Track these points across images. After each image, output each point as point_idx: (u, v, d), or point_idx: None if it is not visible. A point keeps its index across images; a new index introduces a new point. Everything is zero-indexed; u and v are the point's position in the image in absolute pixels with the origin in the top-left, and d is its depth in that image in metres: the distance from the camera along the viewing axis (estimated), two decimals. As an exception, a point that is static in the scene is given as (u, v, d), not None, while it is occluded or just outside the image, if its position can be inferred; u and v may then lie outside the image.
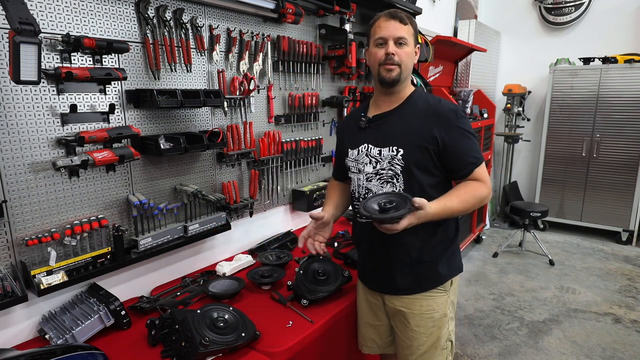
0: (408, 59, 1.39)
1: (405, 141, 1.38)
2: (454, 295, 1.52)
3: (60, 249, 1.41)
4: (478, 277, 3.76)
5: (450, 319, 1.50)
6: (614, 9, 4.73)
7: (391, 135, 1.40)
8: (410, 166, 1.37)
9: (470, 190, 1.34)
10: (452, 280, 1.49)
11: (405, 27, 1.37)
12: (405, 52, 1.37)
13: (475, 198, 1.34)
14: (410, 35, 1.38)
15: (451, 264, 1.48)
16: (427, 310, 1.45)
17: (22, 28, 1.06)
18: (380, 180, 1.43)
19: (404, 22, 1.37)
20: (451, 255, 1.48)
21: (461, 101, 4.21)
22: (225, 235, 2.02)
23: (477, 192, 1.34)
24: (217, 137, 1.78)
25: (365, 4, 2.72)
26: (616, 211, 4.55)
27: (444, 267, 1.46)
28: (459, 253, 1.54)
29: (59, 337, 1.31)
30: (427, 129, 1.36)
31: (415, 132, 1.37)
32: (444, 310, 1.47)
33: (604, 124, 4.53)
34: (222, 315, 1.34)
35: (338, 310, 1.59)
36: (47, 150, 1.36)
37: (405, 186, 1.39)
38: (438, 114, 1.37)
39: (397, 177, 1.40)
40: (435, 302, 1.45)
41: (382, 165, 1.41)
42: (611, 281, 3.67)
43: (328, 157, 2.61)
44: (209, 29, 1.81)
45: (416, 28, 1.42)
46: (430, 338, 1.46)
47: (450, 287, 1.49)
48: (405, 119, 1.41)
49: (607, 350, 2.68)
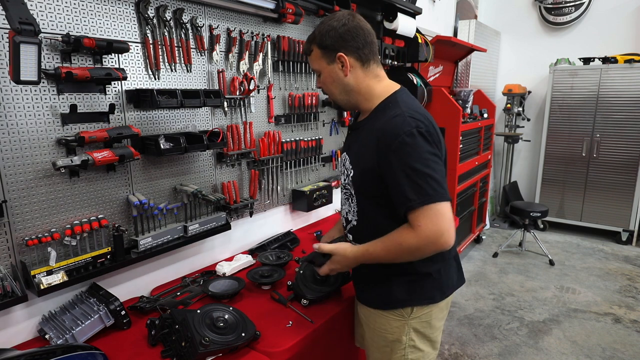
0: (330, 85, 1.30)
1: (356, 162, 1.28)
2: (420, 324, 1.32)
3: (60, 249, 1.41)
4: (478, 277, 3.76)
5: (412, 348, 1.33)
6: (614, 9, 4.73)
7: (353, 153, 1.32)
8: (357, 189, 1.29)
9: (394, 238, 1.17)
10: (413, 309, 1.30)
11: (312, 57, 1.29)
12: (322, 82, 1.32)
13: (398, 247, 1.16)
14: (319, 59, 1.27)
15: (410, 291, 1.29)
16: (379, 328, 1.36)
17: (22, 28, 1.06)
18: (345, 196, 1.38)
19: (308, 52, 1.30)
20: (414, 282, 1.29)
21: (461, 101, 4.21)
22: (225, 235, 2.02)
23: (401, 240, 1.15)
24: (217, 137, 1.78)
25: (365, 4, 2.72)
26: (616, 211, 4.55)
27: (400, 292, 1.29)
28: (435, 283, 1.31)
29: (59, 337, 1.31)
30: (370, 153, 1.20)
31: (363, 155, 1.24)
32: (399, 335, 1.32)
33: (604, 124, 4.53)
34: (222, 315, 1.34)
35: (338, 310, 1.59)
36: (47, 151, 1.36)
37: (358, 208, 1.31)
38: (381, 137, 1.17)
39: (352, 198, 1.33)
40: (390, 324, 1.33)
41: (347, 180, 1.34)
42: (611, 281, 3.67)
43: (328, 157, 2.61)
44: (209, 29, 1.81)
45: (322, 42, 1.24)
46: (382, 356, 1.38)
47: (409, 314, 1.30)
48: (363, 136, 1.27)
49: (607, 350, 2.68)
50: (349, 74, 1.26)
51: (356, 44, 1.23)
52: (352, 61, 1.25)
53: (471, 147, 4.03)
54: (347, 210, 1.40)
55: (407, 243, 1.14)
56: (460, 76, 4.61)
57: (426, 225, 1.10)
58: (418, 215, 1.11)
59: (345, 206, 1.41)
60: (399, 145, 1.12)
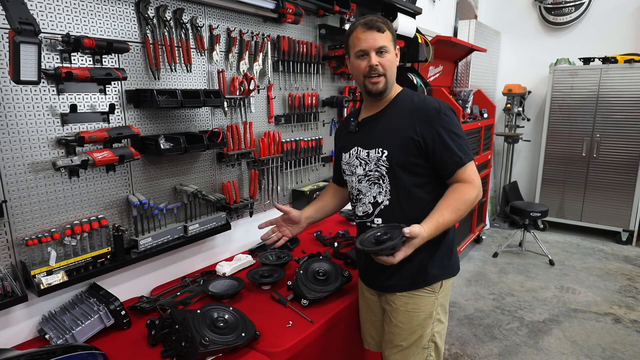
0: (391, 66, 1.39)
1: (389, 142, 1.39)
2: (444, 298, 1.49)
3: (60, 249, 1.41)
4: (478, 277, 3.76)
5: (437, 321, 1.48)
6: (614, 9, 4.73)
7: (377, 137, 1.42)
8: (394, 167, 1.38)
9: (458, 196, 1.32)
10: (442, 283, 1.46)
11: (383, 35, 1.35)
12: (387, 60, 1.36)
13: (465, 203, 1.32)
14: (390, 42, 1.37)
15: (443, 265, 1.46)
16: (412, 308, 1.44)
17: (22, 28, 1.06)
18: (369, 182, 1.44)
19: (382, 30, 1.34)
20: (443, 257, 1.46)
21: (461, 101, 4.21)
22: (225, 235, 2.02)
23: (465, 195, 1.32)
24: (217, 137, 1.78)
25: (365, 4, 2.72)
26: (616, 211, 4.55)
27: (434, 268, 1.44)
28: (454, 256, 1.51)
29: (59, 337, 1.31)
30: (409, 129, 1.35)
31: (398, 133, 1.37)
32: (430, 310, 1.45)
33: (604, 124, 4.53)
34: (222, 315, 1.34)
35: (338, 310, 1.59)
36: (47, 150, 1.36)
37: (391, 187, 1.40)
38: (420, 113, 1.36)
39: (382, 178, 1.41)
40: (422, 301, 1.44)
41: (370, 167, 1.43)
42: (611, 281, 3.67)
43: (328, 157, 2.61)
44: (209, 29, 1.81)
45: (393, 31, 1.39)
46: (413, 336, 1.46)
47: (439, 289, 1.46)
48: (390, 120, 1.41)
49: (607, 350, 2.68)
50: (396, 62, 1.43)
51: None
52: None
53: (471, 147, 4.02)
54: (373, 195, 1.44)
55: (471, 196, 1.32)
56: (460, 76, 4.61)
57: (477, 177, 1.36)
58: (467, 170, 1.34)
59: (372, 191, 1.44)
60: (443, 117, 1.34)
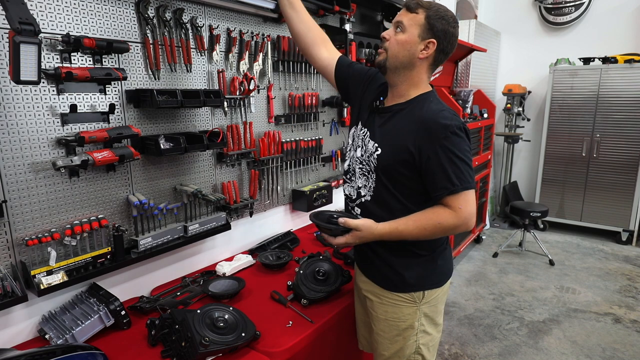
0: (396, 47, 1.28)
1: (386, 143, 1.33)
2: (430, 309, 1.40)
3: (60, 249, 1.41)
4: (478, 277, 3.76)
5: (423, 333, 1.41)
6: (614, 9, 4.73)
7: (381, 133, 1.36)
8: (380, 169, 1.33)
9: (431, 216, 1.25)
10: (424, 293, 1.38)
11: (409, 14, 1.27)
12: (395, 39, 1.29)
13: (435, 227, 1.24)
14: (413, 24, 1.26)
15: (423, 276, 1.38)
16: (392, 317, 1.40)
17: (22, 28, 1.06)
18: (361, 171, 1.40)
19: (411, 9, 1.27)
20: (424, 266, 1.38)
21: (461, 101, 4.21)
22: (225, 235, 2.02)
23: (439, 220, 1.24)
24: (217, 137, 1.78)
25: (365, 4, 2.72)
26: (616, 211, 4.55)
27: (411, 277, 1.36)
28: (440, 267, 1.41)
29: (59, 337, 1.31)
30: (409, 138, 1.27)
31: (398, 138, 1.30)
32: (411, 322, 1.39)
33: (604, 124, 4.53)
34: (222, 315, 1.34)
35: (338, 310, 1.59)
36: (47, 150, 1.36)
37: (375, 185, 1.35)
38: (426, 125, 1.25)
39: (371, 174, 1.37)
40: (402, 311, 1.39)
41: (365, 157, 1.38)
42: (611, 281, 3.67)
43: (328, 157, 2.61)
44: (209, 29, 1.81)
45: (430, 20, 1.26)
46: (394, 345, 1.42)
47: (421, 299, 1.38)
48: (399, 121, 1.34)
49: (607, 350, 2.68)
50: (422, 58, 1.30)
51: (446, 49, 1.31)
52: (432, 55, 1.30)
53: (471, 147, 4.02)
54: (360, 185, 1.41)
55: (446, 223, 1.23)
56: (460, 76, 4.61)
57: (465, 208, 1.23)
58: (458, 199, 1.23)
59: (360, 181, 1.41)
60: (449, 137, 1.23)
